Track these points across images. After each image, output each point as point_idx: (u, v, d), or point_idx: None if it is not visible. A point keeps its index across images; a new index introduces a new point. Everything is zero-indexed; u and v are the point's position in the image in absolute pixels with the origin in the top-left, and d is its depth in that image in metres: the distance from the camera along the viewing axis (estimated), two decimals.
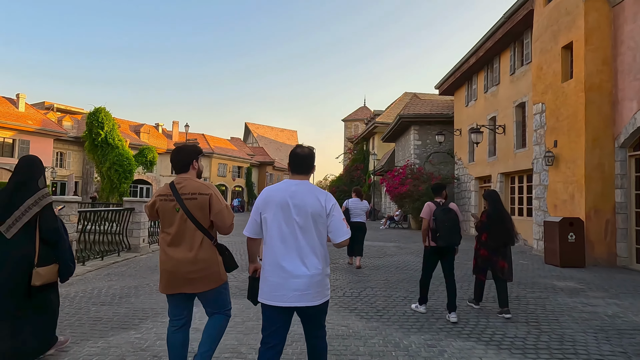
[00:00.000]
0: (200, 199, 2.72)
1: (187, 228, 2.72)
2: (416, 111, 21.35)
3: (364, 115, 51.92)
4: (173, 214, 2.73)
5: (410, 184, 18.59)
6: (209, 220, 2.76)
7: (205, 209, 2.73)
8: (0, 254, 3.04)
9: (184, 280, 2.71)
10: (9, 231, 3.02)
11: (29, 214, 3.06)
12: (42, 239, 3.15)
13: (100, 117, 23.24)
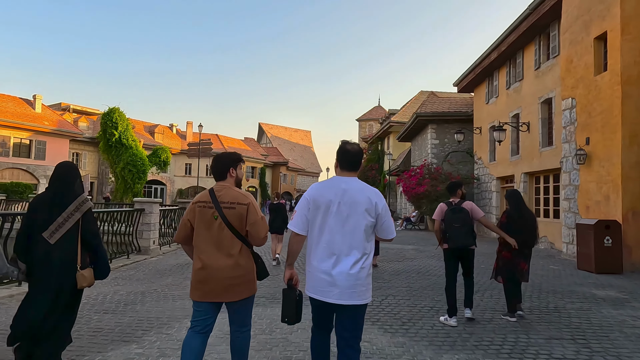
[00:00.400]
0: (239, 209, 2.72)
1: (225, 236, 2.70)
2: (434, 109, 20.73)
3: (379, 114, 51.26)
4: (211, 221, 2.72)
5: (428, 184, 17.99)
6: (245, 229, 2.74)
7: (242, 219, 2.72)
8: (45, 258, 3.07)
9: (222, 287, 2.67)
10: (52, 237, 3.06)
11: (72, 220, 3.11)
12: (83, 242, 3.20)
13: (114, 118, 23.18)
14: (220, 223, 2.70)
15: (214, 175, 2.89)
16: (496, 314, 5.02)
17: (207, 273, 2.68)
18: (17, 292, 5.73)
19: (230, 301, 2.72)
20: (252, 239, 2.76)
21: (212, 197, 2.76)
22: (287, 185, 53.50)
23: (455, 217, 4.66)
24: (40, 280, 3.07)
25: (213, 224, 2.71)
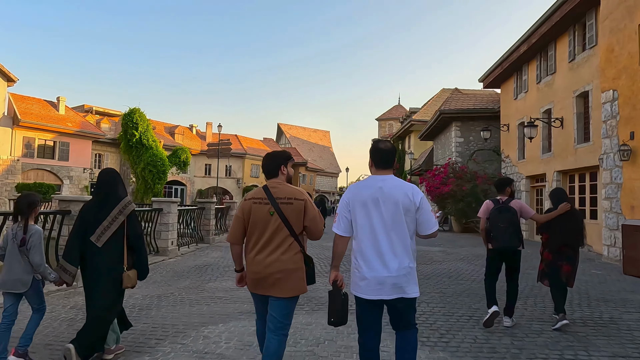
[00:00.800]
0: (296, 204, 2.73)
1: (280, 232, 2.71)
2: (458, 106, 20.04)
3: (399, 113, 50.50)
4: (267, 217, 2.73)
5: (453, 184, 17.36)
6: (302, 225, 2.75)
7: (300, 214, 2.73)
8: (93, 260, 3.24)
9: (270, 281, 2.69)
10: (99, 240, 3.21)
11: (116, 223, 3.24)
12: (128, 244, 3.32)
13: (134, 118, 23.27)
14: (276, 219, 2.71)
15: (265, 173, 2.92)
16: (545, 325, 4.50)
17: (258, 266, 2.71)
18: None
19: (275, 296, 2.70)
20: (311, 233, 2.79)
21: (267, 193, 2.76)
22: (306, 185, 53.19)
23: (501, 217, 4.43)
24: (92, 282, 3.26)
25: (269, 220, 2.72)
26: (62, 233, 6.29)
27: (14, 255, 3.27)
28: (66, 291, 5.92)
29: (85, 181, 31.16)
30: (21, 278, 3.26)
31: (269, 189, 2.78)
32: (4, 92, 27.06)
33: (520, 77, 16.46)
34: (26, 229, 3.29)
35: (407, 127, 32.46)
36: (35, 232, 3.33)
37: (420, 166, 26.31)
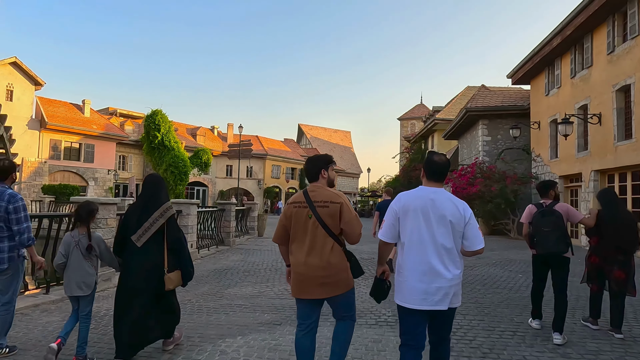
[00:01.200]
0: (332, 207, 2.79)
1: (319, 234, 2.78)
2: (485, 103, 19.29)
3: (421, 113, 49.57)
4: (306, 220, 2.81)
5: (481, 184, 16.66)
6: (339, 227, 2.81)
7: (335, 217, 2.78)
8: (135, 261, 3.38)
9: (316, 285, 2.76)
10: (139, 240, 3.35)
11: (156, 225, 3.38)
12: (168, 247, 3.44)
13: (156, 120, 23.40)
14: (314, 222, 2.78)
15: (307, 177, 3.01)
16: (602, 344, 3.98)
17: (302, 271, 2.78)
18: (41, 302, 5.29)
19: (326, 297, 2.80)
20: (348, 236, 2.83)
21: (306, 197, 2.85)
22: None
23: (545, 221, 4.21)
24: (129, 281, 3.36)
25: (307, 223, 2.80)
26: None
27: (78, 261, 3.45)
28: None
29: (110, 182, 31.62)
30: (85, 281, 3.45)
31: (307, 193, 2.87)
32: (31, 95, 27.70)
33: (553, 71, 15.66)
34: (90, 236, 3.51)
35: (430, 126, 31.69)
36: (100, 238, 3.59)
37: None
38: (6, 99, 26.20)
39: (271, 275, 7.63)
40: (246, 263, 9.04)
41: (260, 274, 7.82)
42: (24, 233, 3.51)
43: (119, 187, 33.39)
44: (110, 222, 6.38)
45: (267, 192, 42.33)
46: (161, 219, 3.41)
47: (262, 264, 8.96)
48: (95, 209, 3.65)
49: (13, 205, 3.48)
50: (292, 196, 3.03)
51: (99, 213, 6.19)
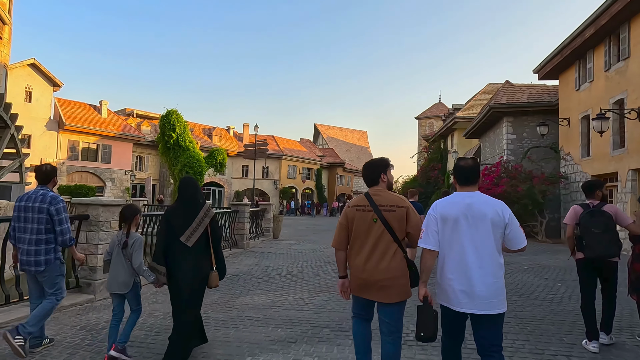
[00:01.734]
0: (399, 211, 2.80)
1: (384, 238, 2.78)
2: (510, 100, 18.44)
3: (440, 111, 48.52)
4: (370, 224, 2.81)
5: (507, 184, 15.86)
6: (404, 232, 2.82)
7: (402, 221, 2.80)
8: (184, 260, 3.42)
9: (377, 287, 2.76)
10: (189, 240, 3.40)
11: (203, 225, 3.47)
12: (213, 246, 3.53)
13: (172, 120, 23.21)
14: (379, 225, 2.78)
15: (366, 181, 2.98)
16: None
17: (363, 275, 2.79)
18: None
19: (383, 302, 2.77)
20: (414, 240, 2.80)
21: (369, 200, 2.85)
22: (343, 186, 52.24)
23: (595, 221, 3.95)
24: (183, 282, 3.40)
25: (372, 227, 2.80)
26: (79, 240, 5.66)
27: (119, 259, 3.59)
28: (81, 306, 5.29)
29: (127, 183, 31.67)
30: (124, 280, 3.56)
31: (371, 197, 2.87)
32: (50, 96, 27.90)
33: (584, 65, 14.77)
34: (129, 234, 3.63)
35: (450, 125, 30.80)
36: (137, 238, 3.65)
37: None
38: (25, 100, 26.43)
39: (286, 282, 7.13)
40: (260, 268, 8.56)
41: (275, 280, 7.32)
42: (66, 234, 3.70)
43: (136, 187, 33.45)
44: (113, 224, 5.96)
45: (283, 193, 41.95)
46: (207, 218, 3.50)
47: (277, 268, 8.48)
48: (139, 210, 3.83)
49: (55, 207, 3.64)
50: (353, 199, 3.01)
51: (102, 215, 5.79)
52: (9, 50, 14.40)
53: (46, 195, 3.68)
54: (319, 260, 9.77)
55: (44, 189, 3.75)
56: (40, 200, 3.64)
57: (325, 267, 8.72)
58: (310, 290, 6.49)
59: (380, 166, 2.97)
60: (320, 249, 12.24)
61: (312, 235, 17.25)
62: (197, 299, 3.55)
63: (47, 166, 3.83)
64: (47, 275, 3.68)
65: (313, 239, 15.20)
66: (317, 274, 7.98)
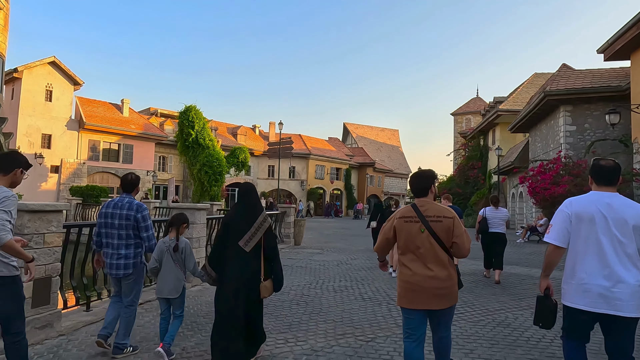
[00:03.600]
0: (446, 222, 2.86)
1: (433, 248, 2.83)
2: (569, 85, 15.87)
3: (477, 107, 45.49)
4: (417, 234, 2.87)
5: (570, 183, 13.40)
6: (450, 241, 2.87)
7: (449, 232, 2.85)
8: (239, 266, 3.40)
9: (431, 296, 2.80)
10: (247, 245, 3.41)
11: (262, 230, 3.47)
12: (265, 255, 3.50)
13: (190, 116, 21.86)
14: (427, 236, 2.84)
15: (414, 191, 3.05)
16: None
17: (416, 283, 2.83)
18: None
19: (437, 309, 2.83)
20: (459, 250, 2.87)
21: (416, 211, 2.91)
22: (374, 187, 49.97)
23: None
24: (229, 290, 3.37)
25: (420, 237, 2.85)
26: None
27: (168, 265, 3.74)
28: None
29: (149, 184, 30.74)
30: (175, 286, 3.71)
31: (418, 208, 2.93)
32: (70, 95, 27.24)
33: None
34: (178, 238, 3.81)
35: (491, 119, 28.15)
36: (186, 243, 3.87)
37: (513, 163, 22.11)
38: (45, 99, 25.83)
39: (296, 316, 5.23)
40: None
41: (282, 310, 5.45)
42: (151, 239, 3.83)
43: (159, 188, 32.50)
44: (50, 238, 4.22)
45: (310, 194, 40.16)
46: (265, 223, 3.50)
47: (288, 292, 6.53)
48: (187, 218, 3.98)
49: (141, 214, 3.76)
50: (400, 210, 3.04)
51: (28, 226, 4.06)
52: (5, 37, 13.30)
53: (132, 203, 3.79)
54: (344, 278, 7.84)
55: (129, 197, 3.87)
56: (127, 207, 3.75)
57: (351, 290, 6.78)
58: (328, 332, 4.58)
59: (430, 177, 3.04)
60: (347, 260, 10.29)
61: (339, 241, 15.30)
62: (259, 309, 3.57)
63: (131, 175, 3.96)
64: (132, 279, 3.80)
65: (339, 247, 13.25)
66: (340, 301, 6.05)
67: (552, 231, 2.60)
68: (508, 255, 12.30)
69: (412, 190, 3.02)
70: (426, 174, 3.04)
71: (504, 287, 7.30)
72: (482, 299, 6.30)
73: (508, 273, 8.81)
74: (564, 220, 2.57)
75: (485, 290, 6.93)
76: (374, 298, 6.23)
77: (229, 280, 3.38)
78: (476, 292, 6.74)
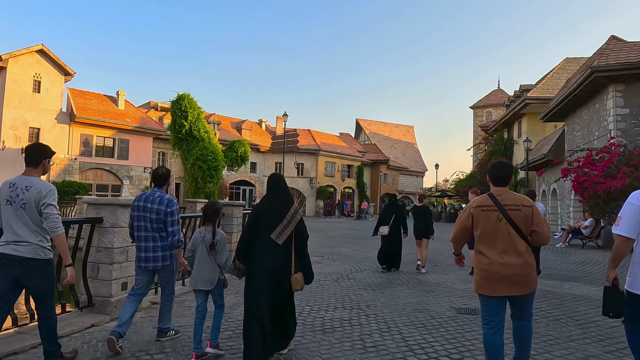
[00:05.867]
0: (524, 211, 2.89)
1: (511, 236, 2.86)
2: (621, 60, 13.23)
3: (499, 99, 42.62)
4: (495, 223, 2.89)
5: (631, 176, 10.81)
6: (529, 229, 2.89)
7: (528, 220, 2.88)
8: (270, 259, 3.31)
9: (510, 283, 2.84)
10: (279, 238, 3.33)
11: (293, 223, 3.37)
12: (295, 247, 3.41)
13: (183, 105, 19.77)
14: (505, 224, 2.87)
15: (494, 180, 3.07)
16: None
17: (494, 271, 2.86)
18: None
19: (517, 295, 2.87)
20: (539, 237, 2.91)
21: (494, 201, 2.95)
22: (387, 185, 47.39)
23: None
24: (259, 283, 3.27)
25: (498, 226, 2.89)
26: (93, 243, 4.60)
27: (203, 257, 3.62)
28: None
29: (147, 181, 28.84)
30: (210, 278, 3.61)
31: (495, 197, 2.96)
32: (61, 86, 25.48)
33: None
34: (214, 233, 3.66)
35: (517, 109, 25.44)
36: (222, 236, 3.73)
37: (546, 156, 19.44)
38: (33, 90, 24.10)
39: None
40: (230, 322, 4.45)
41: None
42: (176, 234, 3.79)
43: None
44: None
45: (320, 192, 37.82)
46: (297, 215, 3.43)
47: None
48: (220, 207, 3.87)
49: (170, 209, 3.77)
50: (476, 199, 3.08)
51: None
52: None
53: (163, 197, 3.80)
54: (342, 303, 5.54)
55: (160, 191, 3.87)
56: (158, 201, 3.77)
57: (348, 330, 4.47)
58: None
59: (510, 167, 3.15)
60: (350, 272, 7.98)
61: (344, 245, 12.96)
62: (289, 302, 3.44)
63: (162, 169, 3.99)
64: (168, 272, 3.87)
65: (344, 253, 10.93)
66: (327, 354, 3.73)
67: (621, 223, 2.57)
68: (551, 263, 9.82)
69: (492, 179, 3.08)
70: (507, 164, 3.14)
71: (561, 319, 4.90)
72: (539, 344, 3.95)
73: (564, 293, 6.40)
74: (634, 214, 2.52)
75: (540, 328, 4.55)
76: (384, 346, 3.92)
77: (260, 273, 3.30)
78: None
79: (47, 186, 3.06)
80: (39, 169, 3.14)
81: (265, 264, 3.28)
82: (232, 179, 34.80)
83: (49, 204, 3.00)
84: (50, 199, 3.03)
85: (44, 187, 3.02)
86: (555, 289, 6.79)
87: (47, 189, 3.04)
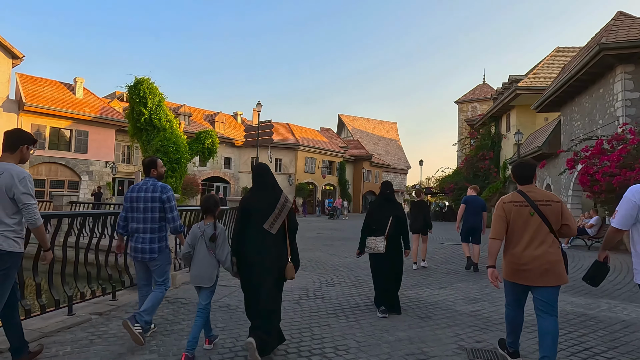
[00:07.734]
0: (554, 206, 3.08)
1: (541, 230, 3.03)
2: (631, 37, 11.69)
3: (484, 93, 41.41)
4: (527, 217, 3.06)
5: None
6: (559, 224, 3.07)
7: (558, 215, 3.06)
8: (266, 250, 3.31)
9: (537, 274, 2.99)
10: (272, 227, 3.32)
11: (284, 212, 3.37)
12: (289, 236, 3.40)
13: (141, 91, 17.55)
14: (536, 219, 3.04)
15: (520, 179, 3.24)
16: None
17: (524, 263, 3.03)
18: None
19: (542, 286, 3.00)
20: (569, 230, 3.10)
21: (524, 197, 3.12)
22: (370, 183, 45.76)
23: None
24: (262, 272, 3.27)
25: (529, 220, 3.05)
26: None
27: (202, 252, 3.50)
28: None
29: (108, 177, 26.46)
30: (209, 274, 3.48)
31: (525, 193, 3.14)
32: (7, 71, 22.86)
33: None
34: (215, 225, 3.50)
35: (507, 101, 24.00)
36: (222, 230, 3.55)
37: (540, 148, 17.94)
38: None
39: None
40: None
41: None
42: (176, 220, 3.78)
43: (123, 182, 28.18)
44: None
45: (299, 190, 35.85)
46: (288, 203, 3.41)
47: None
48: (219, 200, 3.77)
49: (166, 195, 3.71)
50: (506, 196, 3.22)
51: None
52: None
53: (156, 185, 3.76)
54: (298, 339, 3.67)
55: (152, 180, 3.82)
56: (151, 190, 3.72)
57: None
58: None
59: (534, 165, 3.28)
60: (318, 288, 6.12)
61: (319, 249, 11.08)
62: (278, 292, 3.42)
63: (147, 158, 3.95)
64: (160, 263, 3.77)
65: (316, 259, 9.07)
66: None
67: (617, 216, 2.76)
68: None
69: (516, 179, 3.24)
70: (530, 163, 3.27)
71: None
72: None
73: (605, 318, 4.65)
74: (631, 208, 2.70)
75: None
76: None
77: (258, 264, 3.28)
78: None
79: (20, 172, 2.88)
80: (16, 154, 3.00)
81: (262, 255, 3.28)
82: (205, 175, 32.57)
83: (24, 192, 2.83)
84: (25, 187, 2.86)
85: (16, 173, 2.84)
86: (591, 311, 5.05)
87: (20, 176, 2.85)
